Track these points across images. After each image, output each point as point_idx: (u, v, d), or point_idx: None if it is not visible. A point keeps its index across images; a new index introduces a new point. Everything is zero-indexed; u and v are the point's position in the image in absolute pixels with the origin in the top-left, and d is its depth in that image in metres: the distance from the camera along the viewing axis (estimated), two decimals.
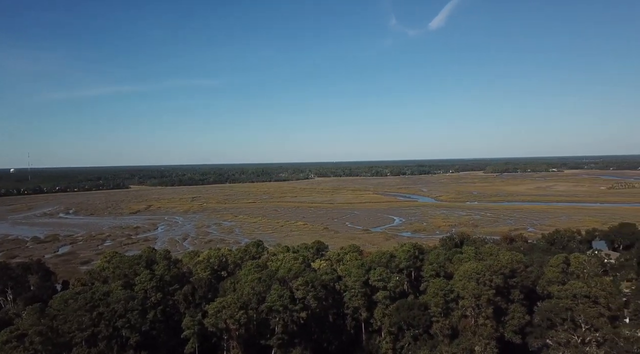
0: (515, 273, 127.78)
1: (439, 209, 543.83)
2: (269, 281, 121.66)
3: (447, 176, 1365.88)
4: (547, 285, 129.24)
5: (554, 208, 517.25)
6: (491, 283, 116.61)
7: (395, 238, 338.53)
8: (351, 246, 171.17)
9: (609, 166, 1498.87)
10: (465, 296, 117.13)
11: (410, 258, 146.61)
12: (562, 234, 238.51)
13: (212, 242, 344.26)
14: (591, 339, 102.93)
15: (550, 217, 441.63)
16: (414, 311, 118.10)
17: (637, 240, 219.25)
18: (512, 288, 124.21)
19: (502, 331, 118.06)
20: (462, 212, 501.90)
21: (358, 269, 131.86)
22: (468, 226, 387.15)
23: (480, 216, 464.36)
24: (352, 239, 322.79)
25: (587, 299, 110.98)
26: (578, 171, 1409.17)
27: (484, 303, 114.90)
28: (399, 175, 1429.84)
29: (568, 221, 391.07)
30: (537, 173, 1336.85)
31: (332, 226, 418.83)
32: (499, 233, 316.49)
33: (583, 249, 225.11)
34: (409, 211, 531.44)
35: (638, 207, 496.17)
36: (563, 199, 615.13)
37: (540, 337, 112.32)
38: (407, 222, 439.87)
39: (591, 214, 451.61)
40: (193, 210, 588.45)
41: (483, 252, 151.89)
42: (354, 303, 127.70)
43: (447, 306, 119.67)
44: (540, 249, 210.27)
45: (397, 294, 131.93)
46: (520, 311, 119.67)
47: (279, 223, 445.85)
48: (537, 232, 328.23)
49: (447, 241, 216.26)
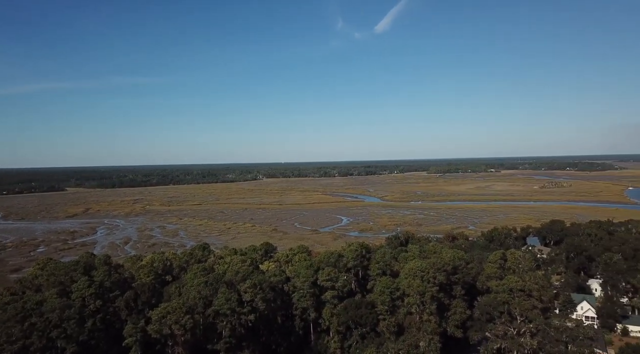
0: (457, 269, 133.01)
1: (385, 208, 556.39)
2: (216, 285, 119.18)
3: (392, 176, 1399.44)
4: (486, 280, 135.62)
5: (492, 207, 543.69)
6: (435, 280, 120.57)
7: (344, 238, 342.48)
8: (300, 247, 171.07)
9: (541, 167, 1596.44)
10: (411, 294, 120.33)
11: (358, 257, 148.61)
12: (499, 232, 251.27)
13: (155, 245, 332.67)
14: (525, 330, 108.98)
15: (489, 215, 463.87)
16: (362, 309, 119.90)
17: (566, 236, 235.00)
18: (454, 284, 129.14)
19: (445, 326, 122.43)
20: (407, 212, 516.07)
21: (307, 270, 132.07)
22: (413, 225, 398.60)
23: (424, 215, 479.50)
24: (301, 240, 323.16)
25: (522, 293, 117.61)
26: (514, 171, 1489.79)
27: (428, 299, 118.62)
28: (346, 176, 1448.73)
29: (505, 219, 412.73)
30: (477, 173, 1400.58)
31: (281, 227, 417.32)
32: (442, 231, 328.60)
33: (518, 245, 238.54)
34: (357, 210, 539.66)
35: (566, 205, 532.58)
36: (500, 198, 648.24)
37: (480, 330, 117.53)
38: (354, 222, 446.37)
39: (525, 212, 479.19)
40: (135, 213, 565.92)
41: (427, 251, 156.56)
42: (302, 304, 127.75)
43: (393, 304, 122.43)
44: (480, 247, 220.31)
45: (345, 293, 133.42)
46: (461, 306, 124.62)
47: (226, 225, 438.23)
48: (477, 230, 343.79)
49: (393, 239, 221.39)
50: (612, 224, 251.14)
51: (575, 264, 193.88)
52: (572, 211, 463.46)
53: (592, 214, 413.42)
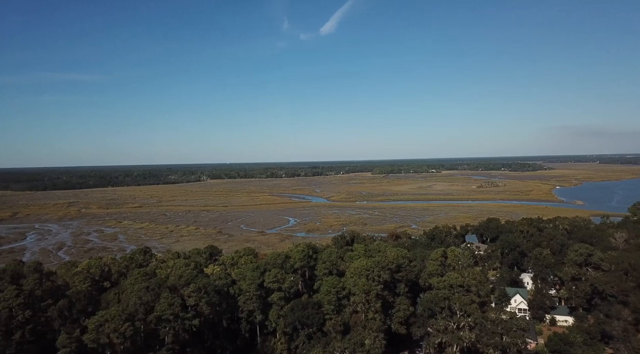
0: (401, 267, 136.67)
1: (332, 208, 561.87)
2: (158, 290, 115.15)
3: (338, 177, 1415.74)
4: (428, 277, 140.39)
5: (433, 206, 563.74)
6: (379, 279, 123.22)
7: (291, 239, 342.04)
8: (246, 249, 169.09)
9: (478, 167, 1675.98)
10: (356, 292, 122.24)
11: (305, 258, 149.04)
12: (440, 230, 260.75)
13: (92, 251, 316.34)
14: (465, 324, 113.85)
15: (430, 214, 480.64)
16: (308, 310, 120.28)
17: (501, 233, 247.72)
18: (398, 282, 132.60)
19: (390, 323, 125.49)
20: (352, 212, 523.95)
21: (253, 272, 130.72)
22: (358, 225, 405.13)
23: (369, 215, 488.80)
24: (247, 242, 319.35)
25: (462, 288, 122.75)
26: (453, 171, 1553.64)
27: (373, 297, 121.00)
28: (293, 177, 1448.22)
29: (445, 218, 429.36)
30: (419, 174, 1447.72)
31: (227, 230, 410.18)
32: (386, 230, 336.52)
33: (458, 242, 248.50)
34: (304, 211, 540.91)
35: (501, 204, 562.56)
36: (441, 197, 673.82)
37: (422, 326, 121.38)
38: (301, 222, 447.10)
39: (464, 210, 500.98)
40: (70, 216, 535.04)
41: (372, 250, 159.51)
42: (248, 306, 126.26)
43: (339, 303, 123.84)
44: (422, 245, 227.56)
45: (292, 294, 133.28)
46: (405, 303, 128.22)
47: (168, 228, 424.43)
48: (419, 229, 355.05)
49: (339, 239, 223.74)
50: (542, 221, 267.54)
51: (510, 260, 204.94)
52: (506, 209, 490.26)
53: (524, 212, 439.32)
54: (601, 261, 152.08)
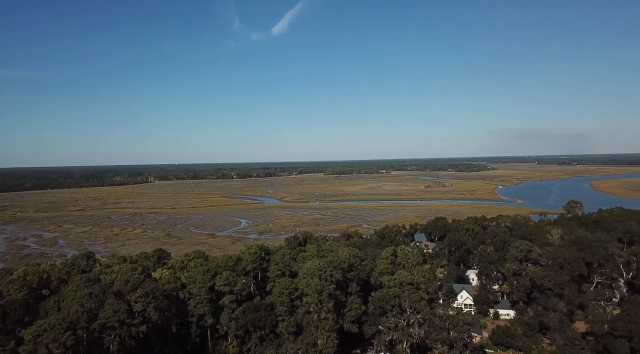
0: (353, 267, 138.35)
1: (284, 209, 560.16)
2: (103, 296, 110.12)
3: (291, 178, 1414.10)
4: (379, 276, 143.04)
5: (384, 206, 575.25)
6: (332, 278, 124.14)
7: (242, 241, 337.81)
8: (196, 252, 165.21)
9: (426, 168, 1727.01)
10: (309, 293, 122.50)
11: (257, 260, 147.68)
12: (390, 229, 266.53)
13: (29, 257, 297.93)
14: (414, 321, 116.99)
15: (381, 214, 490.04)
16: (261, 312, 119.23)
17: (448, 231, 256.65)
18: (350, 281, 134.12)
19: (342, 322, 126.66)
20: (305, 212, 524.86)
21: (203, 275, 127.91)
22: (311, 225, 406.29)
23: (321, 215, 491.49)
24: (197, 245, 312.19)
25: (411, 286, 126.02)
26: (402, 172, 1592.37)
27: (326, 297, 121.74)
28: (245, 178, 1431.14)
29: (395, 217, 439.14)
30: (370, 174, 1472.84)
31: (175, 232, 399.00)
32: (338, 230, 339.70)
33: (407, 241, 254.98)
34: (256, 212, 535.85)
35: (448, 203, 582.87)
36: (391, 197, 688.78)
37: (374, 324, 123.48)
38: (253, 224, 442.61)
39: (413, 210, 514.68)
40: (4, 221, 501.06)
41: (324, 250, 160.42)
42: (199, 310, 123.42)
43: (292, 304, 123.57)
44: (373, 244, 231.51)
45: (244, 297, 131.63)
46: (357, 302, 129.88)
47: (113, 232, 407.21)
48: (370, 228, 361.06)
49: (292, 240, 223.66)
50: (486, 219, 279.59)
51: (456, 257, 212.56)
52: (453, 209, 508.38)
53: (469, 210, 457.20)
54: (539, 257, 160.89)
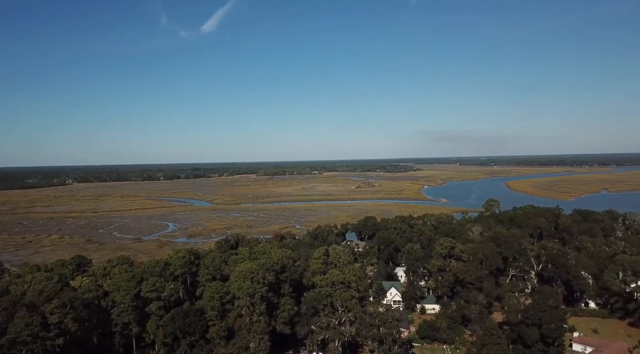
0: (286, 268, 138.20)
1: (215, 212, 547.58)
2: (12, 309, 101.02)
3: (222, 179, 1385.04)
4: (311, 276, 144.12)
5: (316, 206, 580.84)
6: (264, 280, 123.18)
7: (170, 245, 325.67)
8: (120, 258, 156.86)
9: (357, 169, 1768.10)
10: (241, 296, 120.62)
11: (186, 264, 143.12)
12: (322, 229, 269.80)
13: None
14: (346, 319, 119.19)
15: (313, 214, 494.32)
16: (190, 317, 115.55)
17: (378, 230, 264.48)
18: (282, 283, 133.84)
19: (275, 324, 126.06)
20: (237, 214, 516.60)
21: (128, 282, 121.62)
22: (243, 227, 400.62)
23: (254, 217, 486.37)
24: (121, 250, 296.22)
25: (343, 285, 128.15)
26: (334, 173, 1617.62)
27: (258, 300, 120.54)
28: (173, 179, 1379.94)
29: (327, 217, 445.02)
30: (302, 175, 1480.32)
31: (97, 238, 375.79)
32: (271, 232, 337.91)
33: (339, 241, 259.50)
34: (185, 215, 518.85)
35: (378, 203, 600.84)
36: (323, 197, 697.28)
37: (306, 324, 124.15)
38: (182, 227, 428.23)
39: (344, 210, 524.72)
40: None
41: (257, 252, 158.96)
42: (123, 319, 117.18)
43: (223, 308, 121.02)
44: (306, 244, 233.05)
45: (173, 303, 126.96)
46: (289, 303, 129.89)
47: (25, 238, 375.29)
48: (303, 229, 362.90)
49: (223, 243, 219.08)
50: (413, 218, 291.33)
51: (385, 255, 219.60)
52: (382, 208, 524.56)
53: (397, 210, 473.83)
54: (462, 253, 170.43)
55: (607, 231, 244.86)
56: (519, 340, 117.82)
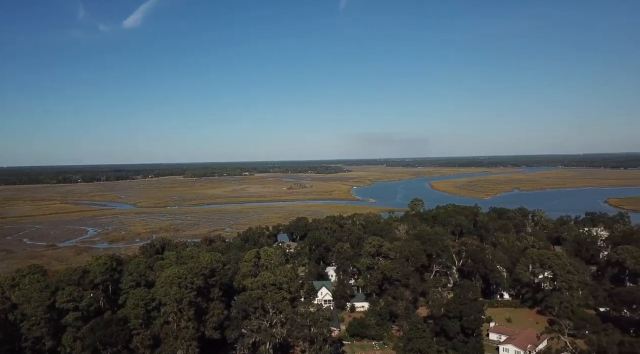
0: (215, 271, 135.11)
1: (139, 215, 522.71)
2: None
3: (146, 181, 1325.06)
4: (242, 279, 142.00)
5: (247, 208, 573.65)
6: (193, 285, 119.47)
7: (90, 251, 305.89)
8: (31, 267, 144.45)
9: (288, 170, 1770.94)
10: (168, 302, 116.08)
11: (107, 271, 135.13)
12: (253, 231, 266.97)
13: None
14: (277, 321, 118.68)
15: (244, 216, 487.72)
16: (112, 327, 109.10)
17: (309, 231, 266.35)
18: (212, 287, 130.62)
19: (204, 329, 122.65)
20: (163, 218, 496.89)
21: (41, 293, 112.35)
22: (170, 231, 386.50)
23: (181, 220, 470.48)
24: (32, 258, 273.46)
25: (274, 287, 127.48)
26: (266, 174, 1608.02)
27: (186, 306, 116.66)
28: (92, 181, 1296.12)
29: (258, 219, 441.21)
30: (233, 177, 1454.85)
31: (4, 245, 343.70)
32: (200, 235, 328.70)
33: (270, 242, 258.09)
34: (105, 219, 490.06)
35: (309, 204, 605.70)
36: (254, 199, 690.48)
37: (236, 328, 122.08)
38: (103, 232, 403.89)
39: (276, 211, 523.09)
40: None
41: (185, 256, 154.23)
42: (35, 333, 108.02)
43: (148, 316, 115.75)
44: (236, 247, 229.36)
45: (92, 312, 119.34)
46: (219, 307, 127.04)
47: None
48: (233, 231, 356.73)
49: (148, 248, 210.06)
50: (343, 218, 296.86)
51: (316, 255, 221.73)
52: (313, 209, 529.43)
53: (328, 210, 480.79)
54: (389, 251, 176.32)
55: (518, 227, 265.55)
56: (442, 333, 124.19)
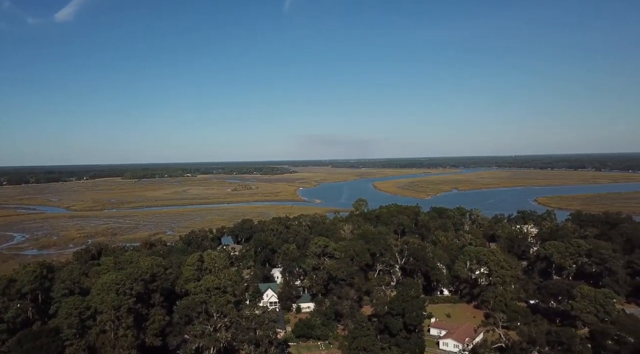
0: (156, 276, 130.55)
1: (73, 219, 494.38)
2: None
3: (81, 183, 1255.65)
4: (185, 283, 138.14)
5: (189, 211, 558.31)
6: (132, 291, 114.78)
7: (17, 258, 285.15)
8: None
9: (233, 171, 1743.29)
10: (104, 310, 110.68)
11: (37, 279, 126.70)
12: (197, 234, 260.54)
13: None
14: (221, 325, 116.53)
15: (186, 219, 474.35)
16: (42, 339, 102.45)
17: (254, 233, 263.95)
18: (153, 292, 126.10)
19: (144, 337, 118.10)
20: (99, 221, 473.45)
21: None
22: (107, 235, 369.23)
23: (119, 224, 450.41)
24: None
25: (218, 290, 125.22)
26: (209, 175, 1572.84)
27: (125, 313, 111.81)
28: (20, 184, 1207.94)
29: (202, 222, 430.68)
30: (174, 178, 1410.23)
31: None
32: (139, 239, 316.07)
33: (214, 245, 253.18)
34: (35, 224, 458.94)
35: (255, 205, 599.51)
36: (197, 201, 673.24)
37: (179, 334, 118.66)
38: (32, 238, 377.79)
39: (220, 213, 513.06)
40: None
41: (123, 261, 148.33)
42: None
43: (83, 325, 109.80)
44: (179, 251, 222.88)
45: (19, 324, 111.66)
46: (160, 313, 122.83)
47: None
48: (175, 235, 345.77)
49: (83, 253, 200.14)
50: (289, 219, 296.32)
51: (262, 257, 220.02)
52: (259, 210, 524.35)
53: (274, 211, 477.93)
54: (334, 251, 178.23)
55: (457, 226, 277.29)
56: (385, 330, 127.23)
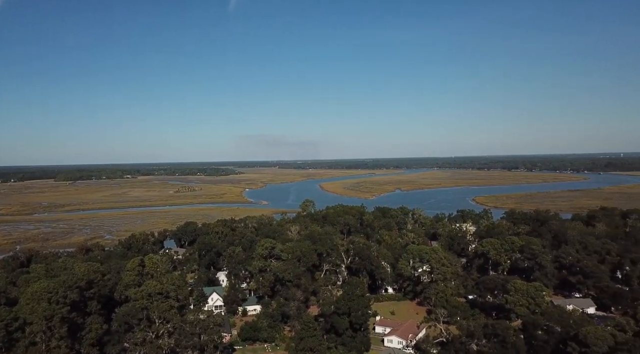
0: (93, 283, 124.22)
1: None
2: None
3: (8, 185, 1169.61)
4: (124, 289, 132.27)
5: (129, 213, 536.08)
6: (65, 300, 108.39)
7: None
8: None
9: (175, 172, 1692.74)
10: (35, 321, 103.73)
11: None
12: (137, 238, 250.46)
13: None
14: (164, 331, 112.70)
15: (126, 222, 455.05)
16: None
17: (198, 235, 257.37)
18: (89, 300, 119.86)
19: (79, 347, 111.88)
20: (29, 226, 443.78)
21: None
22: (37, 241, 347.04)
23: (51, 228, 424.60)
24: None
25: (160, 296, 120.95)
26: (150, 177, 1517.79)
27: (57, 323, 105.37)
28: None
29: (143, 225, 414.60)
30: (113, 180, 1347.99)
31: None
32: (74, 244, 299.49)
33: (156, 249, 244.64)
34: None
35: (198, 208, 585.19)
36: (138, 204, 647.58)
37: (118, 343, 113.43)
38: None
39: (162, 216, 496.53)
40: None
41: (56, 268, 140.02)
42: None
43: (10, 338, 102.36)
44: (118, 255, 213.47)
45: None
46: (97, 322, 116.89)
47: None
48: (114, 239, 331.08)
49: (10, 261, 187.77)
50: (234, 221, 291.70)
51: (207, 261, 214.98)
52: (203, 212, 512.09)
53: (219, 213, 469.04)
54: (281, 252, 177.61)
55: (400, 225, 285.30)
56: (332, 330, 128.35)
